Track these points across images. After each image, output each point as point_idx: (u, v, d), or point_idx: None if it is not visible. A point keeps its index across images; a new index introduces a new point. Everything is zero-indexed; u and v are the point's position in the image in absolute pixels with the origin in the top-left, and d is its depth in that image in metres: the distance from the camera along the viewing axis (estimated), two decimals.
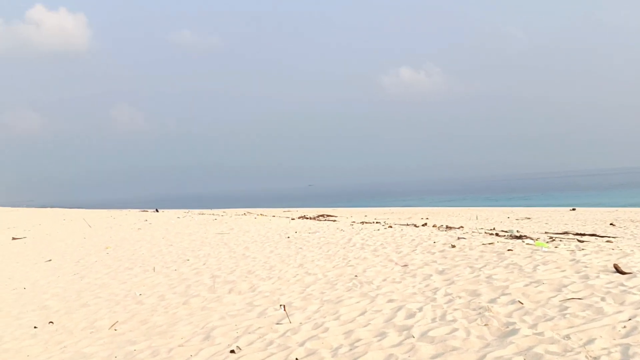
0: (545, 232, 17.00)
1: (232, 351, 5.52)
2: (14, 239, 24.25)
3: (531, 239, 11.39)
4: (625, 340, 4.61)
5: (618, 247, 9.34)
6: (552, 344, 4.71)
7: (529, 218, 26.02)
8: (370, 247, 11.33)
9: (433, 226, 18.46)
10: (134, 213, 35.97)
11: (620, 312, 5.33)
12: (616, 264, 6.99)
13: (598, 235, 14.90)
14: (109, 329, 6.86)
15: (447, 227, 17.93)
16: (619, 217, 23.60)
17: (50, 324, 7.37)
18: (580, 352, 4.44)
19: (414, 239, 11.90)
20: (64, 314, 7.94)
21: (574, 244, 10.02)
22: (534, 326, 5.21)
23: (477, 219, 26.94)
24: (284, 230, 16.47)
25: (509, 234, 14.37)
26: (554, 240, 12.10)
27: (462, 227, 18.12)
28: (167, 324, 6.82)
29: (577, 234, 15.31)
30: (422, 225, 19.72)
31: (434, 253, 9.78)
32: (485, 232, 14.88)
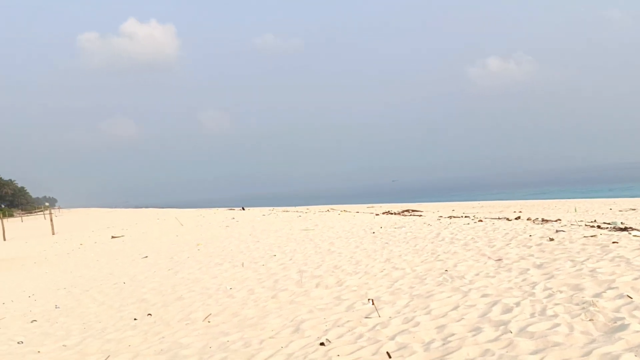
0: None
1: (322, 344, 5.48)
2: (113, 237, 25.95)
3: (638, 230, 10.47)
4: None
5: None
6: None
7: (635, 209, 24.05)
8: (460, 241, 10.93)
9: (527, 219, 17.53)
10: (222, 212, 37.30)
11: None
12: None
13: None
14: (203, 320, 7.08)
15: (542, 220, 16.96)
16: None
17: (149, 315, 7.73)
18: None
19: (507, 233, 11.34)
20: (161, 306, 8.30)
21: None
22: None
23: (575, 211, 25.31)
24: (368, 226, 16.33)
25: (612, 225, 13.34)
26: None
27: (559, 219, 17.06)
28: (257, 317, 6.92)
29: None
30: (515, 218, 18.78)
31: (530, 247, 9.24)
32: (586, 225, 13.91)
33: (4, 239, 33.99)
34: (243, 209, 39.93)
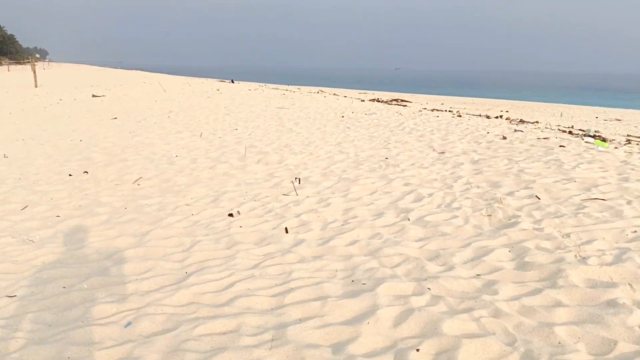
0: (628, 135, 15.52)
1: (231, 214, 5.59)
2: (93, 96, 25.70)
3: (595, 137, 10.39)
4: (627, 245, 4.17)
5: None
6: (547, 240, 4.35)
7: (620, 120, 23.76)
8: (418, 132, 10.86)
9: (506, 119, 17.39)
10: (210, 82, 36.72)
11: (639, 217, 4.76)
12: None
13: None
14: (133, 183, 7.16)
15: (520, 120, 16.82)
16: None
17: (85, 173, 7.80)
18: (571, 251, 4.07)
19: (468, 128, 11.26)
20: (102, 166, 8.36)
21: None
22: (538, 221, 4.82)
23: (561, 116, 25.00)
24: (342, 110, 16.15)
25: (584, 132, 13.25)
26: (629, 143, 11.00)
27: (537, 122, 16.95)
28: (185, 185, 7.00)
29: None
30: (496, 117, 18.62)
31: (480, 143, 9.19)
32: (559, 129, 13.81)
33: None
34: (233, 81, 39.28)
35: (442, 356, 2.88)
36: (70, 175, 7.69)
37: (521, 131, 10.46)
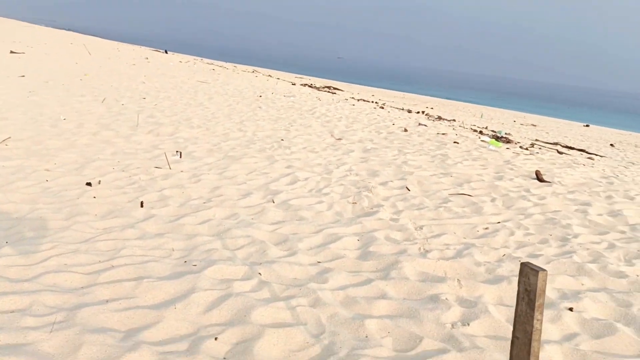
0: (535, 140, 16.16)
1: (89, 184, 5.22)
2: (12, 52, 23.95)
3: (499, 139, 10.68)
4: (473, 241, 4.22)
5: (591, 163, 8.63)
6: (399, 231, 4.32)
7: (535, 125, 24.83)
8: (326, 118, 10.75)
9: (425, 114, 17.70)
10: (143, 50, 35.26)
11: (497, 214, 4.85)
12: (538, 171, 6.40)
13: (586, 152, 14.08)
14: (0, 142, 6.59)
15: (438, 117, 17.17)
16: (625, 140, 22.37)
17: None
18: (416, 244, 4.06)
19: (376, 118, 11.27)
20: None
21: (548, 154, 9.31)
22: (398, 212, 4.79)
23: (481, 117, 25.82)
24: (263, 90, 15.83)
25: (495, 133, 13.64)
26: (533, 146, 11.43)
27: (454, 120, 17.37)
28: (56, 149, 6.53)
29: (566, 147, 14.49)
30: (417, 112, 18.90)
31: (380, 133, 9.20)
32: (470, 128, 14.17)
33: None
34: (166, 52, 37.88)
35: (240, 346, 2.72)
36: None
37: (425, 125, 10.59)
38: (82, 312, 2.86)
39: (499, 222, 4.66)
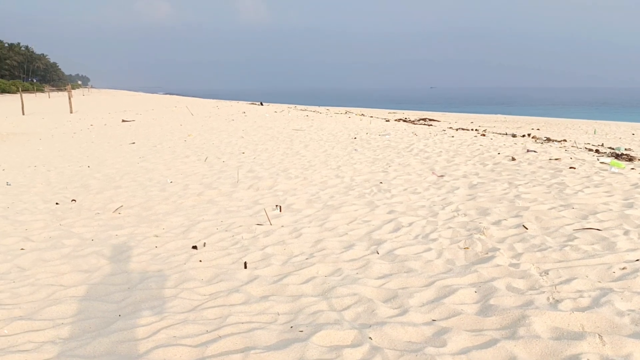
0: None
1: (195, 247, 5.29)
2: (123, 121, 26.19)
3: (620, 157, 9.67)
4: (610, 285, 3.65)
5: None
6: (521, 278, 3.86)
7: None
8: (425, 154, 10.39)
9: (532, 137, 16.67)
10: (239, 105, 37.02)
11: (634, 250, 4.22)
12: None
13: None
14: (113, 212, 6.97)
15: (547, 139, 16.09)
16: None
17: (72, 202, 7.68)
18: (544, 292, 3.58)
19: (479, 149, 10.71)
20: (94, 193, 8.25)
21: None
22: (517, 256, 4.32)
23: (594, 133, 23.92)
24: (357, 131, 15.80)
25: (613, 151, 12.47)
26: None
27: (564, 140, 16.18)
28: (164, 214, 6.77)
29: None
30: (522, 136, 17.90)
31: (485, 165, 8.67)
32: (586, 148, 13.08)
33: (23, 114, 34.80)
34: (261, 104, 39.52)
35: None
36: (57, 204, 7.58)
37: (534, 151, 9.85)
38: None
39: (637, 260, 4.04)
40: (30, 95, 76.40)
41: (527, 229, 4.99)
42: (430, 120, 30.42)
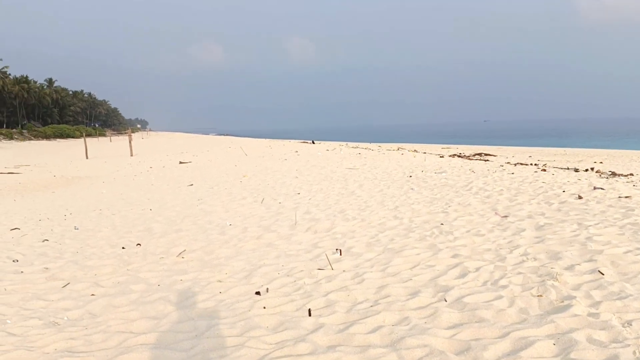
0: None
1: (258, 293, 5.30)
2: (181, 162, 27.07)
3: None
4: None
5: None
6: (603, 329, 3.63)
7: None
8: (485, 193, 10.14)
9: (596, 172, 16.02)
10: (291, 144, 37.59)
11: None
12: None
13: None
14: (177, 256, 7.12)
15: (612, 173, 15.42)
16: None
17: (138, 246, 7.91)
18: (629, 345, 3.34)
19: (542, 186, 10.36)
20: (157, 237, 8.47)
21: None
22: (595, 304, 4.08)
23: None
24: (412, 169, 15.66)
25: None
26: None
27: (631, 174, 15.45)
28: (226, 258, 6.85)
29: None
30: (585, 170, 17.24)
31: (551, 204, 8.35)
32: None
33: (87, 157, 36.60)
34: (313, 142, 40.01)
35: None
36: (123, 248, 7.82)
37: (601, 189, 9.42)
38: None
39: None
40: (93, 140, 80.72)
41: (603, 274, 4.72)
42: (486, 154, 29.86)
